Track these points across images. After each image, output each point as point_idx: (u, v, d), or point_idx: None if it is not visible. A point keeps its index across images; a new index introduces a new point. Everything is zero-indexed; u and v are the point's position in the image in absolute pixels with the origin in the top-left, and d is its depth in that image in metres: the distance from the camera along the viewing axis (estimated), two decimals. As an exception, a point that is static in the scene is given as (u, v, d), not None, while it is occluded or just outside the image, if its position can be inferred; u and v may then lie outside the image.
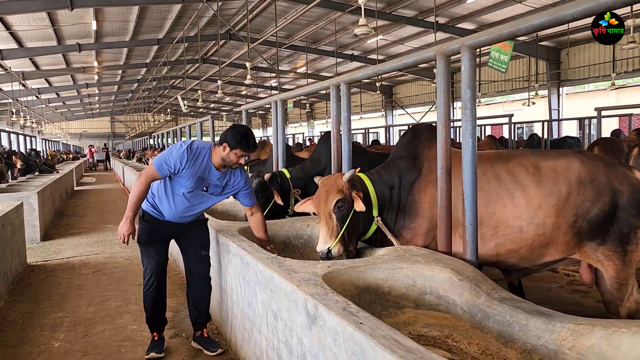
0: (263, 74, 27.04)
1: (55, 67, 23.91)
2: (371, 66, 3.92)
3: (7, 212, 5.32)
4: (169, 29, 18.88)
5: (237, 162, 3.18)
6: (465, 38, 2.65)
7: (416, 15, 17.25)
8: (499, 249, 2.94)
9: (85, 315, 4.27)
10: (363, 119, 33.80)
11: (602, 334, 1.73)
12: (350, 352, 1.71)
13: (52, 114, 41.52)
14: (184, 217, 3.35)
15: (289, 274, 2.41)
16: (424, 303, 2.48)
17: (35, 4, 13.27)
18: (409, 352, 1.47)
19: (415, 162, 3.12)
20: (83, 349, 3.57)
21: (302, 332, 2.13)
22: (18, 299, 4.82)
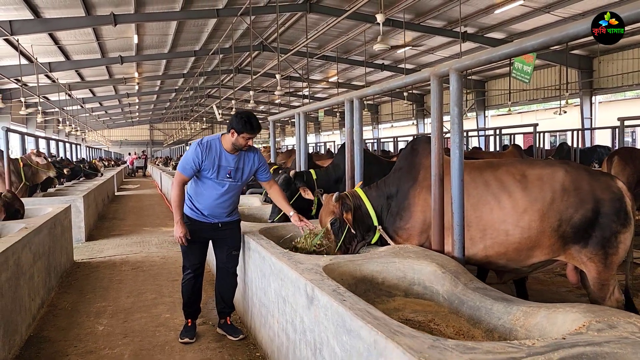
0: (295, 83, 27.68)
1: (99, 78, 25.19)
2: (377, 85, 4.31)
3: (58, 213, 5.92)
4: (205, 41, 19.71)
5: (246, 144, 3.59)
6: (452, 62, 3.03)
7: (445, 25, 17.51)
8: (487, 251, 3.27)
9: (124, 305, 4.79)
10: (394, 127, 34.05)
11: (544, 314, 2.07)
12: (335, 322, 2.12)
13: (95, 122, 43.34)
14: (220, 210, 3.73)
15: (296, 265, 2.83)
16: (413, 292, 2.86)
17: (83, 20, 14.20)
18: (375, 319, 1.87)
19: (412, 171, 3.51)
20: (123, 332, 4.08)
21: (303, 312, 2.55)
22: (67, 290, 5.39)
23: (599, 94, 20.68)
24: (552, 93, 22.47)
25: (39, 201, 7.68)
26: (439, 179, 3.18)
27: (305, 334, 2.53)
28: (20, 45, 15.83)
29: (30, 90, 21.03)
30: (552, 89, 22.21)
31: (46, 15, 14.04)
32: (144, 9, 14.69)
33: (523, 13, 15.72)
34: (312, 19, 16.86)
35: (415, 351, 1.57)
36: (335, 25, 16.05)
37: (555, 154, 13.45)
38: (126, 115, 45.65)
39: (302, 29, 17.07)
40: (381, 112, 35.36)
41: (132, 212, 12.43)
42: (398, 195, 3.52)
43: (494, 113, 27.93)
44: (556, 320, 1.99)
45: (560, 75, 21.34)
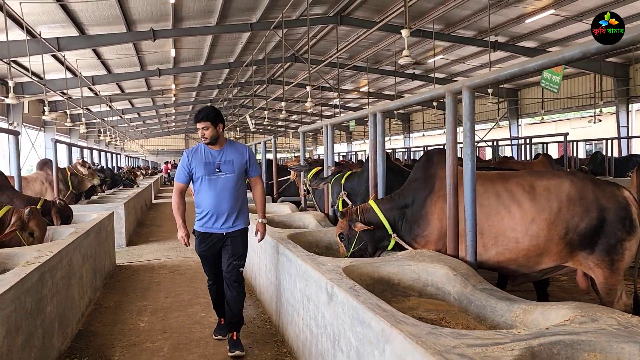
0: (327, 93, 28.09)
1: (138, 90, 26.19)
2: (399, 100, 4.57)
3: (102, 219, 6.37)
4: (239, 53, 20.31)
5: (202, 134, 3.70)
6: (465, 80, 3.27)
7: (475, 35, 17.57)
8: (499, 257, 3.48)
9: (163, 305, 5.16)
10: (425, 136, 34.03)
11: (540, 311, 2.29)
12: (351, 316, 2.38)
13: (133, 132, 44.77)
14: (220, 206, 3.76)
15: (319, 266, 3.11)
16: (426, 293, 3.09)
17: (124, 36, 14.94)
18: (384, 311, 2.13)
19: (428, 181, 3.76)
20: (162, 328, 4.43)
21: (324, 308, 2.82)
22: (110, 290, 5.81)
23: (636, 102, 20.28)
24: (586, 101, 22.15)
25: (84, 208, 8.20)
26: (454, 188, 3.40)
27: (326, 328, 2.80)
28: (66, 60, 16.71)
29: (74, 102, 22.06)
30: (587, 97, 21.89)
31: (90, 32, 14.83)
32: (182, 24, 15.33)
33: (555, 22, 15.67)
34: (342, 30, 17.22)
35: (414, 336, 1.83)
36: (365, 37, 16.34)
37: (589, 163, 13.34)
38: (163, 125, 46.99)
39: (333, 41, 17.44)
40: (412, 121, 35.40)
41: (168, 220, 12.95)
42: (414, 204, 3.77)
43: (528, 122, 27.65)
44: (549, 315, 2.20)
45: (595, 83, 21.04)
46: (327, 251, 4.50)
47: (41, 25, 13.69)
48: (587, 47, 2.28)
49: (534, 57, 2.68)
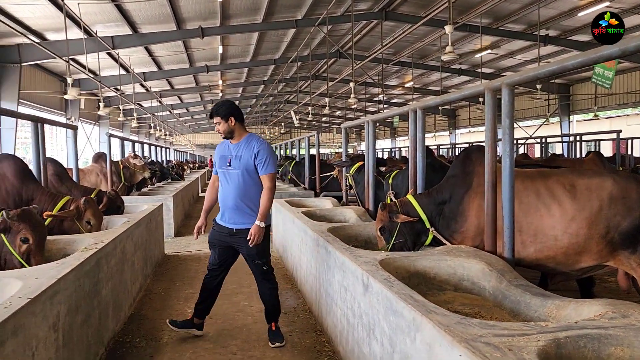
0: (371, 89, 28.02)
1: (187, 86, 26.95)
2: (439, 97, 4.60)
3: (153, 210, 6.68)
4: (284, 50, 20.59)
5: (217, 129, 3.80)
6: (504, 78, 3.29)
7: (525, 29, 17.14)
8: (537, 254, 3.48)
9: (209, 293, 5.39)
10: (472, 132, 33.44)
11: (573, 307, 2.32)
12: (385, 305, 2.48)
13: (181, 126, 46.04)
14: (226, 201, 3.80)
15: (356, 258, 3.22)
16: (462, 287, 3.15)
17: (175, 34, 15.45)
18: (415, 301, 2.22)
19: (466, 178, 3.79)
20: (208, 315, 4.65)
21: (360, 298, 2.93)
22: (159, 278, 6.11)
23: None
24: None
25: (135, 199, 8.60)
26: (492, 186, 3.44)
27: (362, 318, 2.91)
28: (120, 57, 17.42)
29: (126, 98, 22.96)
30: (644, 92, 20.97)
31: (143, 30, 15.41)
32: (229, 21, 15.70)
33: (609, 14, 15.05)
34: (387, 26, 17.17)
35: (444, 325, 1.91)
36: (410, 32, 16.23)
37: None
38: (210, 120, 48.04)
39: (378, 36, 17.42)
40: (458, 117, 34.82)
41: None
42: (452, 200, 3.82)
43: (580, 118, 26.70)
44: (582, 311, 2.23)
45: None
46: (366, 245, 4.59)
47: (97, 25, 14.34)
48: (626, 45, 2.29)
49: (584, 51, 2.67)
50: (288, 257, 6.22)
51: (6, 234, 3.46)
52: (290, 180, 12.18)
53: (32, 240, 3.49)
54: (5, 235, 3.46)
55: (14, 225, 3.47)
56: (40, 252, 3.59)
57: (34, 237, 3.51)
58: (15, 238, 3.46)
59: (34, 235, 3.51)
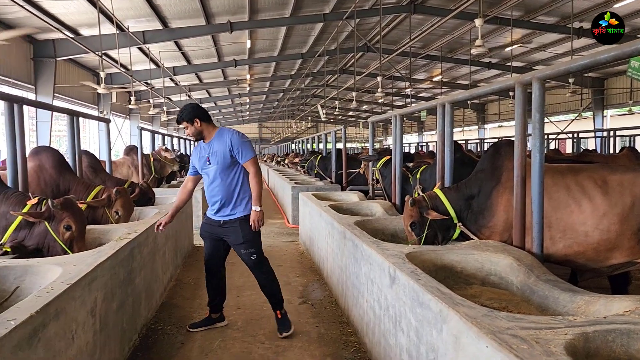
0: (398, 83, 27.83)
1: (215, 80, 27.25)
2: (468, 91, 4.57)
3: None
4: (312, 44, 20.60)
5: (188, 133, 3.83)
6: (535, 72, 3.26)
7: (558, 21, 16.76)
8: (567, 250, 3.45)
9: (237, 283, 5.50)
10: (501, 127, 32.94)
11: (603, 302, 2.30)
12: (411, 298, 2.51)
13: (209, 120, 46.52)
14: (212, 200, 3.89)
15: (383, 251, 3.25)
16: (489, 282, 3.15)
17: (204, 28, 15.64)
18: (442, 294, 2.25)
19: (495, 172, 3.77)
20: (236, 304, 4.76)
21: (387, 291, 2.96)
22: (189, 269, 6.25)
23: None
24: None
25: (165, 191, 8.78)
26: (521, 180, 3.41)
27: (388, 310, 2.94)
28: (150, 52, 17.72)
29: (157, 92, 23.34)
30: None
31: (173, 25, 15.63)
32: (257, 16, 15.80)
33: (647, 6, 14.64)
34: (416, 19, 16.99)
35: (470, 317, 1.93)
36: (439, 25, 16.06)
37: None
38: (237, 114, 48.48)
39: (406, 30, 17.26)
40: (488, 112, 34.30)
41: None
42: (480, 195, 3.80)
43: (614, 113, 26.00)
44: (612, 307, 2.22)
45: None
46: (393, 239, 4.61)
47: (129, 20, 14.62)
48: (662, 39, 2.24)
49: (619, 44, 2.63)
50: (315, 250, 6.28)
51: (50, 222, 3.61)
52: (317, 175, 12.24)
53: (75, 227, 3.64)
54: (49, 223, 3.61)
55: (58, 213, 3.62)
56: (82, 239, 3.74)
57: (77, 225, 3.66)
58: (58, 226, 3.61)
59: (76, 223, 3.66)
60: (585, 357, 1.73)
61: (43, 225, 3.61)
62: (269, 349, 3.68)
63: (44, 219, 3.61)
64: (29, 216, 3.56)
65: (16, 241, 3.63)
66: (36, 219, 3.59)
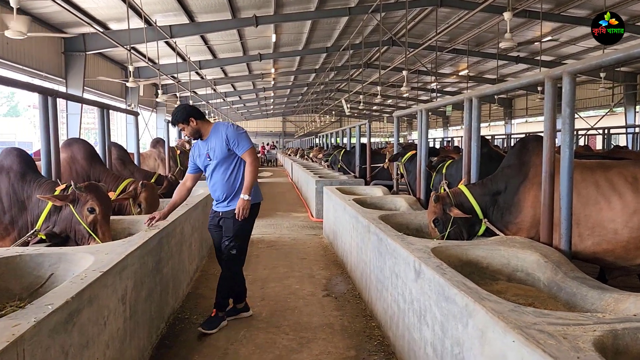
0: (424, 77, 27.57)
1: (240, 74, 27.44)
2: (496, 85, 4.52)
3: (208, 194, 6.91)
4: (337, 38, 20.56)
5: (186, 135, 3.94)
6: (566, 66, 3.20)
7: (589, 14, 16.35)
8: (595, 248, 3.40)
9: (261, 275, 5.57)
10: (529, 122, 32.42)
11: (632, 300, 2.27)
12: (437, 292, 2.51)
13: (234, 114, 46.94)
14: (213, 194, 4.02)
15: (408, 245, 3.25)
16: (515, 278, 3.12)
17: (230, 23, 15.75)
18: (468, 288, 2.24)
19: (522, 168, 3.73)
20: (261, 296, 4.82)
21: (412, 285, 2.97)
22: (214, 260, 6.23)
23: None
24: None
25: (191, 184, 8.89)
26: (550, 176, 3.37)
27: (413, 303, 2.94)
28: (177, 46, 17.93)
29: (183, 85, 23.63)
30: None
31: (199, 20, 15.79)
32: (282, 10, 15.83)
33: (684, -2, 14.18)
34: (442, 12, 16.80)
35: (497, 312, 1.93)
36: (467, 19, 15.83)
37: None
38: (262, 107, 48.77)
39: (432, 23, 17.09)
40: (515, 107, 33.74)
41: (266, 198, 13.47)
42: (507, 191, 3.77)
43: (648, 108, 25.26)
44: (642, 305, 2.19)
45: None
46: (417, 233, 4.60)
47: (156, 14, 14.81)
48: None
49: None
50: (338, 243, 6.31)
51: (75, 205, 3.70)
52: (340, 169, 12.25)
53: (99, 210, 3.71)
54: (74, 206, 3.69)
55: (82, 196, 3.70)
56: (106, 222, 3.79)
57: (100, 208, 3.73)
58: (82, 209, 3.69)
59: (100, 205, 3.73)
60: (614, 355, 1.72)
61: (69, 209, 3.70)
62: (293, 340, 3.73)
63: (69, 202, 3.69)
64: (54, 199, 3.65)
65: (49, 228, 3.75)
66: (61, 202, 3.67)
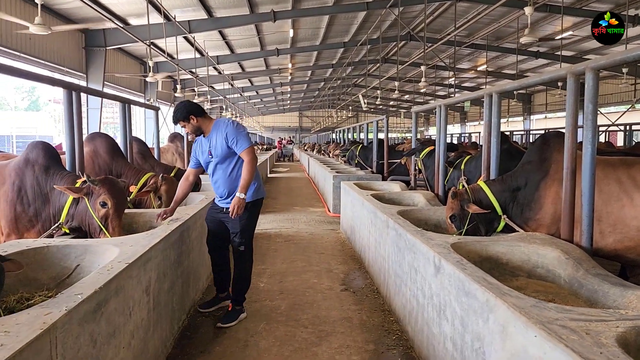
0: (441, 72, 27.37)
1: (257, 69, 27.51)
2: (517, 81, 4.48)
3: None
4: (354, 33, 20.49)
5: (187, 132, 4.01)
6: (589, 61, 3.17)
7: (612, 8, 16.05)
8: (617, 245, 3.37)
9: (279, 269, 5.62)
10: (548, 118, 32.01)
11: (656, 298, 2.26)
12: (457, 287, 2.53)
13: (250, 109, 47.13)
14: (216, 191, 4.08)
15: (427, 240, 3.26)
16: (535, 274, 3.12)
17: (248, 18, 15.80)
18: (489, 284, 2.25)
19: (543, 164, 3.70)
20: (279, 289, 4.87)
21: (431, 280, 2.98)
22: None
23: None
24: None
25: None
26: (571, 172, 3.35)
27: (432, 298, 2.96)
28: (195, 41, 18.05)
29: (201, 80, 23.79)
30: None
31: (217, 15, 15.87)
32: (300, 4, 15.83)
33: None
34: (461, 7, 16.65)
35: (518, 307, 1.94)
36: (487, 13, 15.66)
37: None
38: (278, 102, 48.85)
39: (451, 18, 16.93)
40: (534, 102, 33.33)
41: (283, 193, 13.68)
42: (527, 187, 3.75)
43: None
44: (665, 303, 2.17)
45: None
46: (436, 229, 4.60)
47: (175, 10, 14.92)
48: None
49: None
50: (356, 238, 6.33)
51: (89, 198, 3.76)
52: (357, 164, 12.25)
53: (110, 204, 3.75)
54: (88, 199, 3.76)
55: (95, 189, 3.76)
56: (117, 217, 3.81)
57: (112, 202, 3.76)
58: (95, 202, 3.75)
59: (112, 199, 3.76)
60: (637, 351, 1.72)
61: (84, 202, 3.77)
62: (312, 333, 3.77)
63: (83, 195, 3.76)
64: (69, 191, 3.71)
65: (69, 223, 3.83)
66: (76, 194, 3.74)
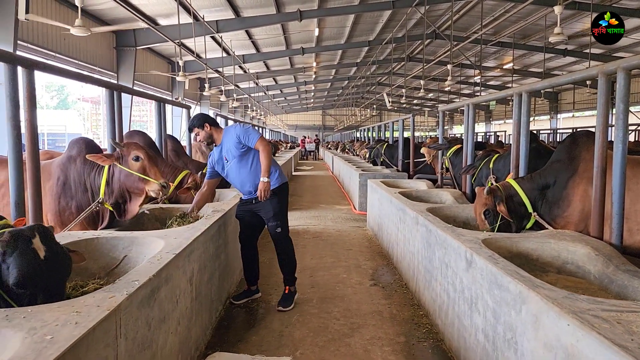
0: (467, 70, 27.17)
1: (282, 68, 27.75)
2: (547, 80, 4.52)
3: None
4: (379, 31, 20.53)
5: (200, 139, 4.24)
6: (621, 61, 3.22)
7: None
8: None
9: (309, 265, 5.76)
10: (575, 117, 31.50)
11: (687, 293, 2.32)
12: (489, 280, 2.62)
13: (275, 107, 47.46)
14: (243, 190, 4.33)
15: (458, 236, 3.36)
16: (565, 270, 3.19)
17: (274, 17, 16.00)
18: (521, 277, 2.35)
19: (572, 163, 3.76)
20: (310, 284, 5.01)
21: (462, 274, 3.08)
22: (264, 249, 6.54)
23: None
24: None
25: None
26: (601, 171, 3.40)
27: (464, 292, 3.06)
28: (222, 41, 18.34)
29: (227, 79, 24.12)
30: None
31: (244, 15, 16.10)
32: (326, 4, 15.96)
33: None
34: (488, 5, 16.54)
35: (551, 298, 2.03)
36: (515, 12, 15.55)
37: None
38: (302, 101, 49.09)
39: (477, 16, 16.85)
40: (561, 101, 32.82)
41: (308, 191, 13.84)
42: (556, 185, 3.81)
43: None
44: (695, 298, 2.24)
45: None
46: (464, 226, 4.65)
47: (203, 10, 15.19)
48: None
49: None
50: (383, 235, 6.43)
51: (121, 161, 3.92)
52: (382, 162, 12.32)
53: (143, 155, 3.91)
54: (121, 162, 3.91)
55: (124, 151, 3.93)
56: (154, 165, 3.95)
57: (144, 153, 3.93)
58: (128, 161, 3.90)
59: (142, 151, 3.93)
60: (667, 340, 1.80)
61: (118, 168, 3.91)
62: (344, 325, 3.90)
63: (114, 161, 3.91)
64: (101, 158, 3.83)
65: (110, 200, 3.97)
66: (107, 160, 3.86)
